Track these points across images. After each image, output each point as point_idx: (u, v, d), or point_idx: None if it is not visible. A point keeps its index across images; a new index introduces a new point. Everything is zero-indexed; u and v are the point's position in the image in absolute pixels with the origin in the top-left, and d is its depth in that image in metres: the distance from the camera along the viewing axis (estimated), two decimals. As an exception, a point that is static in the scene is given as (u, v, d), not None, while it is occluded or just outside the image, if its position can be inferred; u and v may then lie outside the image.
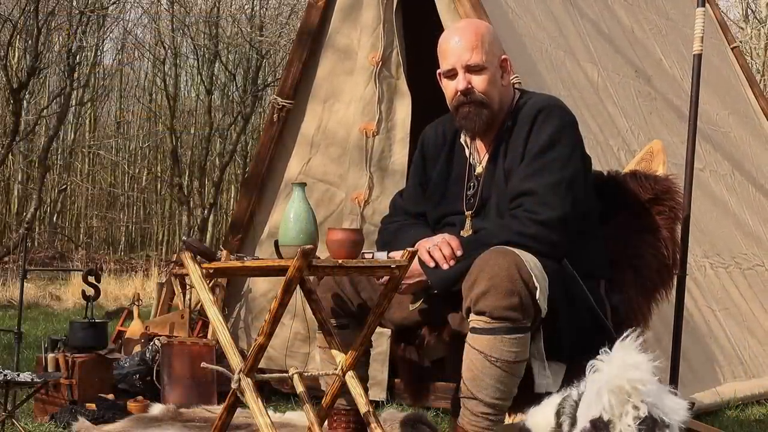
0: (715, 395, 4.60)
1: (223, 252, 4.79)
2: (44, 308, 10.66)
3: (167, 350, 4.43)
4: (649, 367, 2.11)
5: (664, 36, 6.14)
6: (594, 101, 5.11)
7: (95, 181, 22.25)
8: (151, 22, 20.70)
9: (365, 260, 2.83)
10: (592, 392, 2.13)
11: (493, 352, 2.70)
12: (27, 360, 5.27)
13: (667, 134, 5.33)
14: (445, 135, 3.18)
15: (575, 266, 2.88)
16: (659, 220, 3.19)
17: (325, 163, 4.95)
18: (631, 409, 2.06)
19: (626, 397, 2.07)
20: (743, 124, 6.49)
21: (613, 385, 2.08)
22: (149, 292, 9.82)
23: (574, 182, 2.91)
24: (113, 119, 23.33)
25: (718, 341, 4.96)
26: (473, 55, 2.97)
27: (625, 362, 2.11)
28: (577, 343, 2.89)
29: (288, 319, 4.74)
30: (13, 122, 15.41)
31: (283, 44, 18.22)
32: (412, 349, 3.18)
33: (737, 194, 5.90)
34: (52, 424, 4.02)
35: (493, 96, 3.00)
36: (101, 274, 4.75)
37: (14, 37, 16.91)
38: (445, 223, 3.09)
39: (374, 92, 4.70)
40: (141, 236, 22.51)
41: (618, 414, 2.07)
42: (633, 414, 2.06)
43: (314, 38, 4.95)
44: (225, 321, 2.96)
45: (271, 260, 2.91)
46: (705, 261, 5.20)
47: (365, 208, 4.70)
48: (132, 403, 4.14)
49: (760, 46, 17.14)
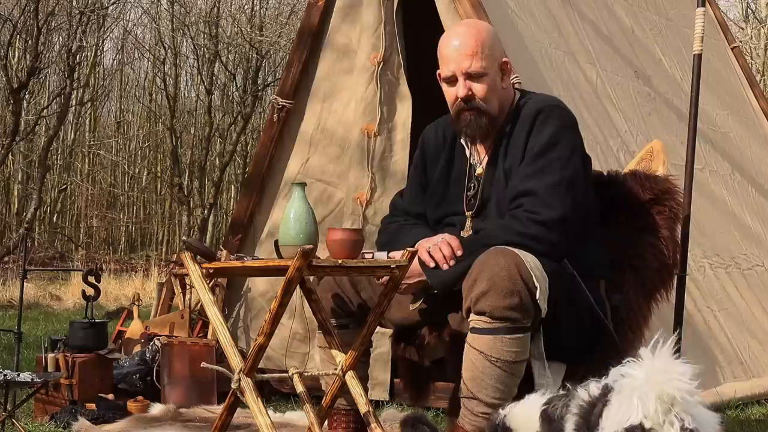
0: (715, 395, 4.59)
1: (223, 252, 4.80)
2: (44, 308, 10.67)
3: (167, 350, 4.43)
4: (692, 378, 2.06)
5: (664, 36, 6.14)
6: (593, 102, 5.11)
7: (95, 181, 22.24)
8: (151, 22, 20.72)
9: (365, 260, 2.83)
10: (628, 397, 2.04)
11: (493, 352, 2.70)
12: (27, 360, 5.27)
13: (667, 135, 5.33)
14: (445, 135, 3.18)
15: (575, 266, 2.88)
16: (659, 220, 3.19)
17: (324, 162, 4.95)
18: (675, 419, 2.00)
19: (670, 407, 2.01)
20: (743, 124, 6.49)
21: (661, 393, 2.01)
22: (149, 292, 9.83)
23: (575, 182, 2.91)
24: (113, 119, 23.34)
25: (717, 341, 4.96)
26: (473, 62, 2.97)
27: (670, 370, 2.04)
28: (577, 344, 2.90)
29: (287, 318, 4.74)
30: (13, 122, 15.41)
31: (283, 44, 18.22)
32: (412, 349, 3.18)
33: (737, 195, 5.90)
34: (52, 424, 4.03)
35: (493, 102, 3.01)
36: (101, 274, 4.75)
37: (14, 37, 16.91)
38: (445, 224, 3.09)
39: (375, 93, 4.71)
40: (141, 236, 22.51)
41: (661, 422, 2.00)
42: (678, 424, 1.99)
43: (314, 38, 4.96)
44: (225, 321, 2.96)
45: (271, 260, 2.91)
46: (704, 261, 5.20)
47: (367, 209, 4.70)
48: (132, 403, 4.14)
49: (760, 46, 17.14)
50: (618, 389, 2.07)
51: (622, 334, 3.01)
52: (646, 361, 2.08)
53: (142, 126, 22.93)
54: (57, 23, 17.50)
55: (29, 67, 16.04)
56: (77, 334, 4.43)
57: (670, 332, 4.21)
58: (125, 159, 22.55)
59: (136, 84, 23.27)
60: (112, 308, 9.83)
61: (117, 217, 22.16)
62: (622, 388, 2.07)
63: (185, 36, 20.05)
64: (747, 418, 4.49)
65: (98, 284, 4.61)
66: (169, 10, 19.48)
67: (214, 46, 18.94)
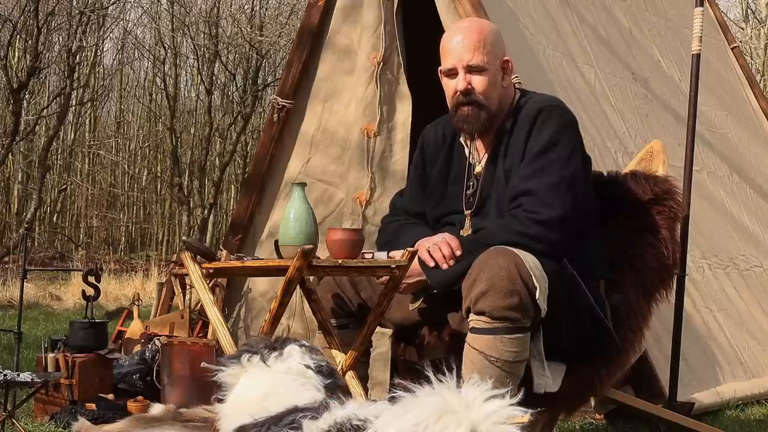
0: (715, 395, 4.60)
1: (223, 252, 4.80)
2: (44, 308, 10.66)
3: (167, 350, 4.43)
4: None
5: (663, 37, 6.14)
6: (591, 103, 5.11)
7: (95, 181, 22.24)
8: (151, 22, 20.71)
9: (365, 260, 2.83)
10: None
11: (493, 352, 2.70)
12: (27, 360, 5.27)
13: (665, 136, 5.33)
14: (444, 135, 3.18)
15: (575, 266, 2.89)
16: (659, 220, 3.20)
17: (325, 163, 4.95)
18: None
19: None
20: (742, 124, 6.49)
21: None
22: (149, 292, 9.83)
23: (575, 182, 2.91)
24: (113, 119, 23.34)
25: (717, 342, 4.97)
26: (475, 55, 2.98)
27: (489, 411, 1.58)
28: (577, 344, 2.90)
29: (287, 318, 4.75)
30: (13, 122, 15.40)
31: (283, 44, 18.22)
32: (412, 349, 3.18)
33: (735, 196, 5.91)
34: (52, 424, 4.03)
35: (492, 98, 3.01)
36: (101, 274, 4.75)
37: (14, 37, 16.91)
38: (444, 223, 3.10)
39: (375, 93, 4.71)
40: (141, 236, 22.50)
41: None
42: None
43: (314, 38, 4.96)
44: (225, 321, 2.97)
45: (271, 260, 2.92)
46: (703, 262, 5.21)
47: (367, 209, 4.71)
48: (132, 403, 4.14)
49: (760, 46, 17.15)
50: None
51: (622, 334, 3.01)
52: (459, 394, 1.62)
53: (142, 126, 22.93)
54: (57, 23, 17.50)
55: (29, 67, 16.04)
56: (77, 334, 4.43)
57: (670, 333, 4.23)
58: (125, 159, 22.55)
59: (136, 84, 23.28)
60: (112, 308, 9.83)
61: (117, 217, 22.15)
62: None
63: (185, 36, 20.06)
64: (747, 418, 4.49)
65: (98, 284, 4.61)
66: (169, 10, 19.48)
67: (214, 46, 18.95)
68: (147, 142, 22.51)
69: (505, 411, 1.58)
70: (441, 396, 1.66)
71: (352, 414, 1.71)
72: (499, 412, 1.58)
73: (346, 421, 1.69)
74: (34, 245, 17.94)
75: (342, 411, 1.74)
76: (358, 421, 1.68)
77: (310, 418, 1.75)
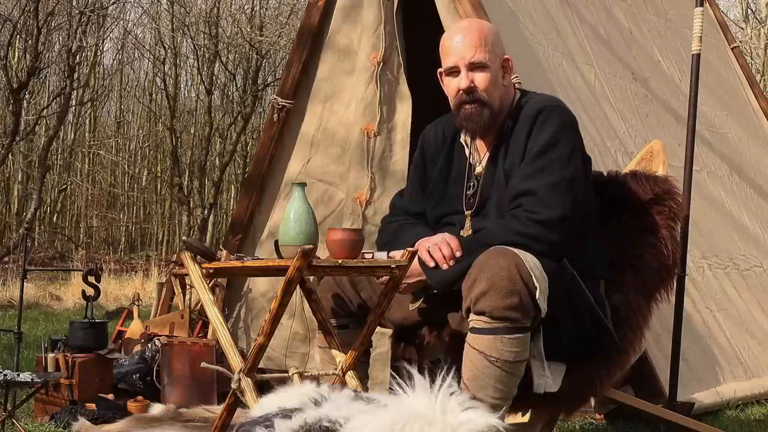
0: (715, 395, 4.60)
1: (223, 252, 4.80)
2: (44, 308, 10.67)
3: (167, 350, 4.43)
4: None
5: (663, 37, 6.14)
6: (591, 103, 5.11)
7: (95, 181, 22.24)
8: (151, 22, 20.71)
9: (365, 260, 2.83)
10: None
11: (493, 352, 2.70)
12: (27, 360, 5.28)
13: (665, 136, 5.33)
14: (445, 135, 3.18)
15: (575, 266, 2.88)
16: (659, 221, 3.19)
17: (325, 163, 4.95)
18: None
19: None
20: (742, 124, 6.49)
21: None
22: (149, 292, 9.84)
23: (575, 182, 2.91)
24: (113, 119, 23.34)
25: (717, 342, 4.97)
26: (476, 53, 2.98)
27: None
28: (577, 344, 2.90)
29: (287, 318, 4.75)
30: (13, 122, 15.40)
31: (283, 44, 18.22)
32: (412, 349, 3.18)
33: (735, 196, 5.91)
34: (52, 424, 4.03)
35: (494, 95, 3.01)
36: (101, 274, 4.75)
37: (14, 37, 16.91)
38: (444, 223, 3.10)
39: (375, 93, 4.71)
40: (141, 236, 22.50)
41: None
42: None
43: (314, 38, 4.96)
44: (225, 321, 2.97)
45: (271, 260, 2.91)
46: (703, 262, 5.21)
47: (367, 209, 4.71)
48: (132, 403, 4.14)
49: (760, 46, 17.14)
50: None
51: (622, 334, 3.01)
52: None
53: (142, 126, 22.93)
54: (57, 23, 17.49)
55: (29, 67, 16.04)
56: (77, 334, 4.43)
57: (670, 332, 4.24)
58: (125, 159, 22.55)
59: (136, 84, 23.28)
60: (112, 308, 9.83)
61: (117, 217, 22.15)
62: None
63: (185, 36, 20.05)
64: (747, 418, 4.49)
65: (98, 284, 4.61)
66: (169, 10, 19.48)
67: (214, 46, 18.94)
68: (147, 142, 22.51)
69: (481, 419, 1.59)
70: (413, 402, 1.67)
71: (324, 415, 1.71)
72: (475, 419, 1.59)
73: (316, 422, 1.69)
74: (34, 245, 17.94)
75: (314, 412, 1.75)
76: (329, 422, 1.69)
77: (282, 417, 1.75)
